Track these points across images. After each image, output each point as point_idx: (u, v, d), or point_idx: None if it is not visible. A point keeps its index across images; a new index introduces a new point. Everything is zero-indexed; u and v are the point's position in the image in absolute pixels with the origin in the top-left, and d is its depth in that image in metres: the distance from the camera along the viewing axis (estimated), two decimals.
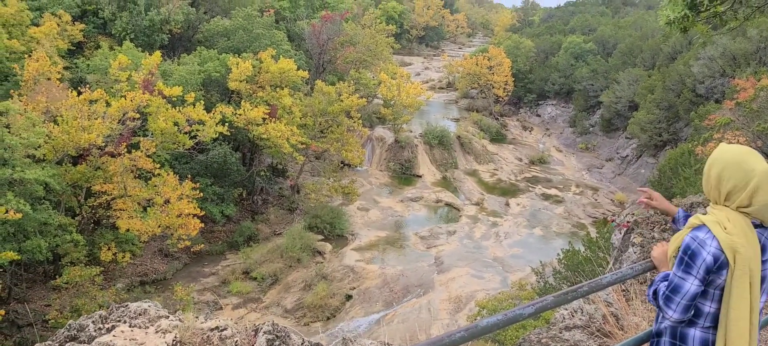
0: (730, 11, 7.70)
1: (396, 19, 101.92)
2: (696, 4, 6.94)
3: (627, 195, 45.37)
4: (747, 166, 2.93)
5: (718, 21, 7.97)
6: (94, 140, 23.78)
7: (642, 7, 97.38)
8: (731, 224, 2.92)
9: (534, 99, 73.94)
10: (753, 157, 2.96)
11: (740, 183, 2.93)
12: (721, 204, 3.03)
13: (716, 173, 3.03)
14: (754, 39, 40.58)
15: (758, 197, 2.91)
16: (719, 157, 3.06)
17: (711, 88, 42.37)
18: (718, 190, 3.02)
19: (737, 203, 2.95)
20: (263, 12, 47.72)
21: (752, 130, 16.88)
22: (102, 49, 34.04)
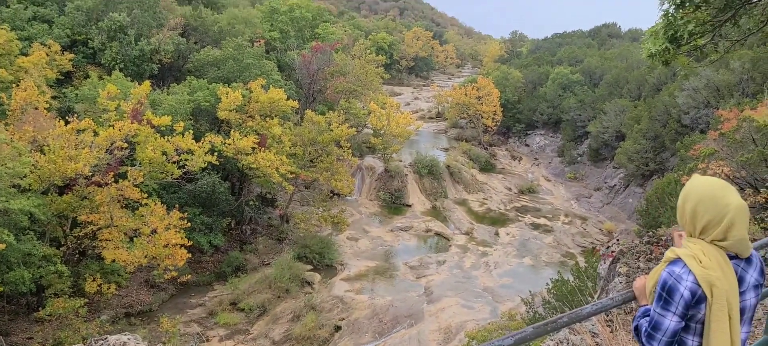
0: (711, 44, 7.84)
1: (386, 49, 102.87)
2: (676, 38, 7.07)
3: (615, 224, 45.53)
4: (722, 201, 2.93)
5: (699, 54, 8.11)
6: (80, 170, 23.64)
7: (627, 40, 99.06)
8: (707, 257, 2.91)
9: (523, 129, 74.51)
10: (727, 191, 2.97)
11: (715, 218, 2.93)
12: (697, 237, 3.03)
13: (691, 207, 3.02)
14: (737, 70, 41.25)
15: (733, 232, 2.91)
16: (693, 190, 3.05)
17: (696, 118, 42.90)
18: (694, 224, 3.01)
19: (712, 237, 2.95)
20: (253, 42, 48.02)
21: (736, 160, 17.05)
22: (91, 79, 34.04)
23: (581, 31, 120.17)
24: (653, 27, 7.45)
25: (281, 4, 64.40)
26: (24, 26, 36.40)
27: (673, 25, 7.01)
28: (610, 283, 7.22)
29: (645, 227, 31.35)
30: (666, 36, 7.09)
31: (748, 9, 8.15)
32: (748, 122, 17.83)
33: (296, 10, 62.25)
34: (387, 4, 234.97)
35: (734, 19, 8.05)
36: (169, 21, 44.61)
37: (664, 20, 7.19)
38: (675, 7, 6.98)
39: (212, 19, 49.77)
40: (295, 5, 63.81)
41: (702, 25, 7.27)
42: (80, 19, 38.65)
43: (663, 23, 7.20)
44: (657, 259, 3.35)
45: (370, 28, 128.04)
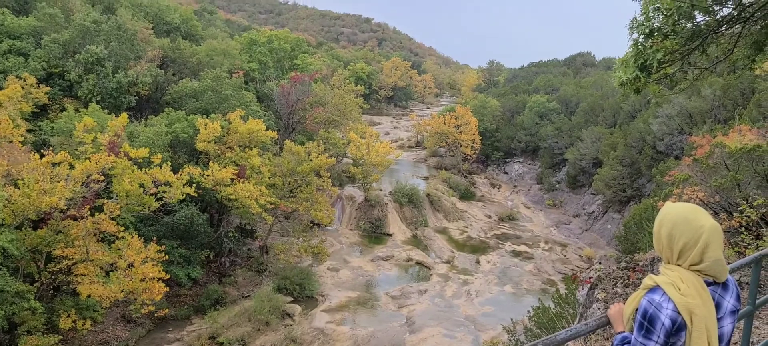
0: (680, 72, 8.04)
1: (365, 79, 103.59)
2: (647, 66, 7.24)
3: (595, 250, 45.86)
4: (696, 223, 3.00)
5: (670, 82, 8.31)
6: (56, 203, 23.25)
7: (602, 68, 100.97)
8: (685, 284, 2.96)
9: (501, 157, 75.16)
10: (700, 213, 3.04)
11: (691, 240, 2.99)
12: (674, 263, 3.07)
13: (667, 232, 3.08)
14: (708, 97, 42.24)
15: (709, 253, 2.96)
16: (667, 216, 3.12)
17: (670, 144, 43.70)
18: (671, 249, 3.06)
19: (690, 261, 3.00)
20: (232, 73, 48.07)
21: (710, 185, 17.33)
22: (67, 112, 33.71)
23: (557, 60, 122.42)
24: (624, 56, 7.64)
25: (260, 35, 64.78)
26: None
27: (642, 54, 7.19)
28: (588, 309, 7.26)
29: (624, 252, 31.64)
30: (636, 65, 7.26)
31: (715, 37, 8.39)
32: (720, 148, 18.18)
33: (275, 41, 62.59)
34: (365, 35, 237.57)
35: (702, 48, 8.28)
36: (147, 53, 44.54)
37: (634, 49, 7.37)
38: (644, 36, 7.17)
39: (191, 51, 49.78)
40: (274, 37, 64.20)
41: (671, 54, 7.47)
42: (57, 51, 38.39)
43: (633, 52, 7.38)
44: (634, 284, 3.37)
45: (349, 58, 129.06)
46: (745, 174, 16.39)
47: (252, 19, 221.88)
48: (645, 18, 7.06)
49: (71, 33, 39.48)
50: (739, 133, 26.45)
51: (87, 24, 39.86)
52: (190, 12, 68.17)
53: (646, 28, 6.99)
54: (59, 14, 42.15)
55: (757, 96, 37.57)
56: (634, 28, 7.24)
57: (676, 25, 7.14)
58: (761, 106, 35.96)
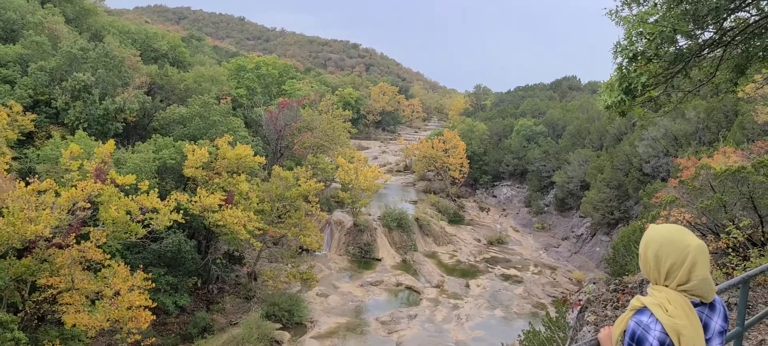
0: (664, 95, 8.15)
1: (352, 104, 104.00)
2: (631, 90, 7.34)
3: (584, 273, 45.91)
4: (682, 243, 3.02)
5: (654, 105, 8.41)
6: (41, 232, 22.97)
7: (587, 92, 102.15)
8: (672, 305, 2.97)
9: (489, 180, 75.41)
10: (684, 233, 3.07)
11: (678, 260, 3.01)
12: (662, 284, 3.08)
13: (653, 253, 3.10)
14: (693, 120, 42.78)
15: (696, 272, 2.98)
16: (653, 237, 3.14)
17: (656, 167, 44.10)
18: (658, 270, 3.08)
19: (677, 281, 3.01)
20: (220, 99, 48.10)
21: (696, 207, 17.46)
22: (53, 139, 33.49)
23: (543, 84, 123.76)
24: (609, 80, 7.74)
25: (248, 61, 64.99)
26: None
27: (627, 78, 7.29)
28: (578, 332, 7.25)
29: (613, 275, 31.72)
30: (621, 88, 7.36)
31: (697, 61, 8.53)
32: (706, 170, 18.36)
33: (263, 67, 62.82)
34: (353, 60, 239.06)
35: (685, 71, 8.41)
36: (135, 80, 44.49)
37: (619, 73, 7.48)
38: (628, 60, 7.28)
39: (178, 78, 49.80)
40: (262, 63, 64.47)
41: (655, 77, 7.58)
42: (43, 79, 38.25)
43: (618, 76, 7.49)
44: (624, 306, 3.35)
45: (337, 83, 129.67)
46: (730, 195, 16.54)
47: (240, 45, 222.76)
48: (629, 42, 7.17)
49: (58, 60, 39.40)
50: (724, 154, 26.79)
51: (74, 51, 39.81)
52: (178, 39, 68.37)
53: (630, 52, 7.11)
54: (46, 42, 42.09)
55: (740, 118, 38.10)
56: (619, 52, 7.35)
57: (659, 48, 7.25)
58: (745, 128, 36.46)
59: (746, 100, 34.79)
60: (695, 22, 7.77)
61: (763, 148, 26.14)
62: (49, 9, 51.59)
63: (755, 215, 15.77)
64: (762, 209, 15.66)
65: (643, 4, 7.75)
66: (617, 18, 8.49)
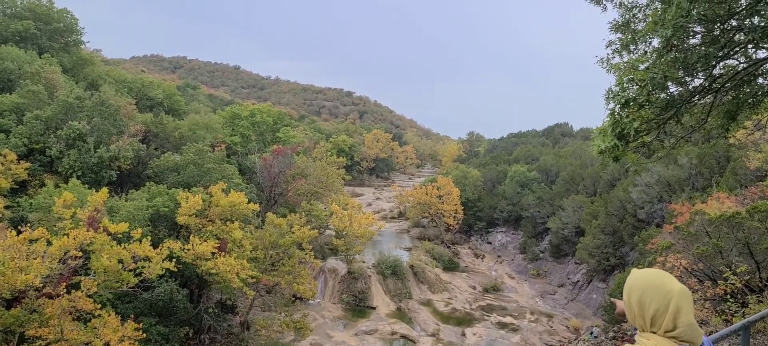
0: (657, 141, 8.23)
1: (346, 151, 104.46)
2: (624, 135, 7.41)
3: (581, 321, 45.45)
4: (664, 289, 2.97)
5: (647, 150, 8.48)
6: (31, 281, 22.63)
7: (579, 138, 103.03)
8: None
9: (484, 226, 75.29)
10: (667, 278, 3.02)
11: (662, 306, 2.95)
12: (649, 331, 3.03)
13: (637, 299, 3.04)
14: (685, 166, 43.09)
15: (681, 318, 2.93)
16: (635, 283, 3.09)
17: (651, 212, 44.17)
18: (643, 316, 3.02)
19: (663, 328, 2.96)
20: (215, 147, 48.21)
21: (692, 253, 17.45)
22: (47, 187, 33.34)
23: (535, 130, 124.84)
24: (602, 125, 7.82)
25: (242, 109, 65.44)
26: None
27: (619, 123, 7.37)
28: None
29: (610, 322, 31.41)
30: (614, 133, 7.43)
31: (688, 107, 8.64)
32: (701, 216, 18.43)
33: (257, 115, 63.23)
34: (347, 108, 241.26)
35: (677, 117, 8.51)
36: (130, 128, 44.64)
37: (611, 118, 7.56)
38: (620, 106, 7.37)
39: (173, 126, 50.00)
40: (256, 110, 64.90)
41: (647, 123, 7.65)
42: (39, 127, 38.32)
43: (610, 121, 7.57)
44: None
45: (331, 131, 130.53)
46: (726, 241, 16.54)
47: (235, 93, 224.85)
48: (620, 88, 7.27)
49: (54, 109, 39.56)
50: (718, 200, 26.90)
51: (70, 100, 40.02)
52: (173, 87, 68.96)
53: (622, 98, 7.20)
54: (43, 91, 42.35)
55: (732, 164, 38.41)
56: (611, 98, 7.44)
57: (651, 95, 7.35)
58: (737, 173, 36.71)
59: (738, 146, 35.18)
60: (685, 69, 7.90)
61: (757, 194, 26.29)
62: (47, 59, 52.08)
63: (752, 261, 15.76)
64: (758, 254, 15.65)
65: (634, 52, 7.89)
66: (608, 66, 8.63)
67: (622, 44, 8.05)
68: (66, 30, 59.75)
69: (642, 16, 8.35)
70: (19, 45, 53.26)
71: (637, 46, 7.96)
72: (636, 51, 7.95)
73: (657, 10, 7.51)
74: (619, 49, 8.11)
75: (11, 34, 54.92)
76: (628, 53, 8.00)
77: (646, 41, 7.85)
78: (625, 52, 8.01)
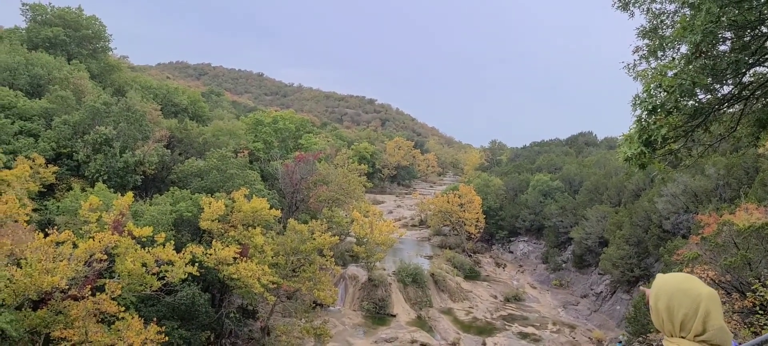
0: (684, 149, 8.08)
1: (368, 159, 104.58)
2: (651, 142, 7.29)
3: (604, 332, 44.80)
4: (693, 293, 2.90)
5: (674, 158, 8.33)
6: (57, 283, 22.99)
7: (603, 147, 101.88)
8: None
9: (506, 235, 74.73)
10: (695, 282, 2.95)
11: (691, 310, 2.88)
12: (678, 336, 2.96)
13: (665, 305, 2.97)
14: (713, 176, 42.32)
15: (711, 322, 2.86)
16: (662, 288, 3.02)
17: (677, 223, 43.43)
18: (672, 322, 2.95)
19: (693, 332, 2.89)
20: (238, 153, 48.60)
21: (720, 264, 17.11)
22: (74, 191, 33.90)
23: (559, 139, 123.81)
24: (628, 132, 7.70)
25: (265, 116, 65.92)
26: (9, 140, 36.61)
27: (647, 130, 7.24)
28: None
29: (634, 335, 30.89)
30: (641, 140, 7.31)
31: (717, 115, 8.48)
32: (729, 226, 18.07)
33: (280, 121, 63.61)
34: (369, 115, 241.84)
35: (705, 125, 8.36)
36: (155, 133, 45.22)
37: (638, 125, 7.44)
38: (647, 113, 7.25)
39: (197, 132, 50.56)
40: (279, 117, 65.31)
41: (674, 130, 7.52)
42: (67, 132, 39.02)
43: (637, 128, 7.45)
44: None
45: (353, 138, 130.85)
46: (755, 252, 16.19)
47: (258, 100, 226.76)
48: (647, 95, 7.16)
49: (82, 114, 40.25)
50: (746, 211, 26.33)
51: (97, 106, 40.70)
52: (197, 94, 69.79)
53: (649, 105, 7.08)
54: (71, 96, 43.14)
55: (761, 175, 37.64)
56: (638, 104, 7.33)
57: (679, 102, 7.23)
58: (766, 184, 35.95)
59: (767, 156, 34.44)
60: (714, 76, 7.76)
61: None
62: (75, 65, 53.10)
63: None
64: None
65: (662, 59, 7.78)
66: (634, 73, 8.51)
67: (650, 50, 7.94)
68: (94, 37, 60.88)
69: (670, 22, 8.23)
70: (49, 51, 54.39)
71: (664, 53, 7.84)
72: (664, 57, 7.83)
73: (686, 16, 7.40)
74: (647, 56, 7.99)
75: (41, 41, 56.12)
76: (655, 59, 7.88)
77: (674, 47, 7.74)
78: (653, 58, 7.89)
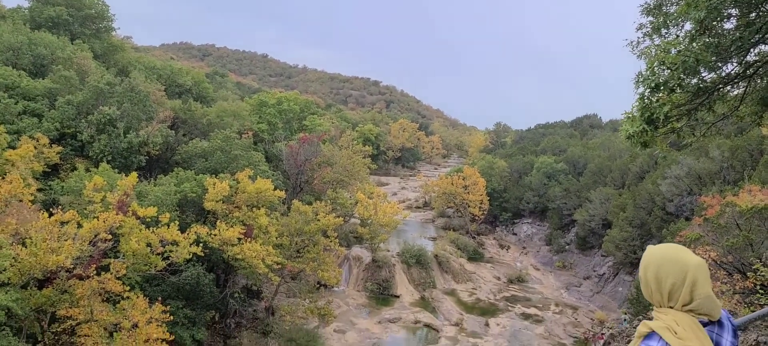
0: (687, 128, 8.04)
1: (372, 140, 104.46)
2: (653, 120, 7.25)
3: (607, 313, 44.96)
4: (681, 262, 2.92)
5: (677, 137, 8.29)
6: (62, 262, 23.15)
7: (608, 130, 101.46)
8: (681, 327, 2.85)
9: (510, 217, 74.78)
10: (683, 252, 2.97)
11: (678, 279, 2.90)
12: (666, 306, 2.98)
13: (653, 275, 3.00)
14: (717, 159, 42.16)
15: (698, 290, 2.87)
16: (651, 258, 3.04)
17: (680, 205, 43.37)
18: (660, 292, 2.97)
19: (681, 302, 2.91)
20: (242, 134, 48.61)
21: (722, 245, 17.11)
22: (78, 171, 33.99)
23: (563, 122, 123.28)
24: (631, 110, 7.66)
25: (270, 97, 65.83)
26: (13, 120, 36.66)
27: (649, 108, 7.21)
28: None
29: (636, 315, 30.99)
30: (643, 118, 7.27)
31: (721, 94, 8.43)
32: (731, 208, 18.04)
33: (284, 103, 63.55)
34: (373, 97, 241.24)
35: (709, 105, 8.30)
36: (159, 114, 45.23)
37: (641, 103, 7.40)
38: (650, 90, 7.21)
39: (201, 112, 50.55)
40: (284, 98, 65.24)
41: (677, 108, 7.48)
42: (70, 112, 39.05)
43: (639, 106, 7.41)
44: None
45: (357, 120, 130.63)
46: (757, 234, 16.17)
47: (262, 81, 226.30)
48: (650, 72, 7.11)
49: (85, 94, 40.26)
50: (750, 193, 26.26)
51: (101, 86, 40.69)
52: (201, 75, 69.70)
53: (652, 82, 7.03)
54: (74, 76, 43.10)
55: (765, 157, 37.48)
56: (640, 82, 7.28)
57: (682, 80, 7.18)
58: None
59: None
60: (718, 54, 7.69)
61: None
62: (79, 45, 53.00)
63: None
64: None
65: (666, 36, 7.71)
66: (637, 51, 8.45)
67: (654, 27, 7.87)
68: (97, 16, 60.70)
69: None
70: (52, 31, 54.27)
71: (668, 30, 7.78)
72: (668, 35, 7.77)
73: None
74: (650, 33, 7.93)
75: (44, 20, 56.00)
76: (659, 37, 7.82)
77: (678, 24, 7.68)
78: (656, 35, 7.83)
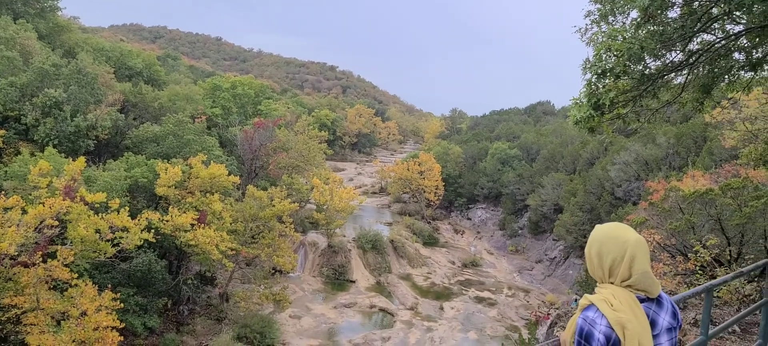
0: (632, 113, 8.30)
1: (329, 126, 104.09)
2: (599, 105, 7.46)
3: (557, 296, 46.15)
4: (621, 239, 3.11)
5: (622, 123, 8.55)
6: (6, 249, 22.36)
7: (561, 117, 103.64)
8: (617, 300, 3.03)
9: (464, 203, 75.75)
10: (624, 230, 3.16)
11: (618, 255, 3.09)
12: (607, 282, 3.15)
13: (596, 251, 3.20)
14: (663, 145, 43.62)
15: (636, 266, 3.06)
16: (595, 236, 3.26)
17: (628, 191, 44.76)
18: (602, 267, 3.17)
19: (620, 277, 3.09)
20: (195, 118, 47.71)
21: (666, 228, 17.74)
22: (22, 155, 32.78)
23: (517, 108, 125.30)
24: (578, 96, 7.86)
25: (224, 81, 64.75)
26: None
27: (595, 94, 7.42)
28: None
29: None
30: (590, 104, 7.49)
31: (665, 81, 8.72)
32: (675, 192, 18.69)
33: (239, 87, 62.62)
34: (330, 82, 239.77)
35: (653, 91, 8.58)
36: (108, 97, 43.92)
37: (588, 89, 7.61)
38: (597, 76, 7.41)
39: (152, 96, 49.32)
40: (238, 82, 64.27)
41: (623, 95, 7.71)
42: (13, 95, 37.56)
43: (587, 92, 7.62)
44: None
45: (313, 105, 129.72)
46: (698, 217, 16.83)
47: (216, 65, 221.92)
48: (597, 59, 7.31)
49: (29, 76, 38.76)
50: (693, 178, 27.31)
51: (46, 67, 39.24)
52: (153, 57, 67.86)
53: (599, 69, 7.24)
54: (18, 57, 41.41)
55: (708, 144, 38.96)
56: (588, 68, 7.48)
57: (627, 67, 7.40)
58: (713, 153, 37.26)
59: (714, 126, 35.65)
60: (662, 42, 7.95)
61: (730, 172, 26.72)
62: (22, 24, 50.83)
63: (723, 236, 16.07)
64: (729, 230, 15.96)
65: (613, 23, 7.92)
66: (586, 39, 8.65)
67: (601, 14, 8.08)
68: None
69: None
70: None
71: (615, 17, 8.01)
72: (615, 22, 7.98)
73: None
74: (598, 20, 8.14)
75: None
76: (606, 24, 8.03)
77: (624, 12, 7.90)
78: (604, 22, 8.04)
